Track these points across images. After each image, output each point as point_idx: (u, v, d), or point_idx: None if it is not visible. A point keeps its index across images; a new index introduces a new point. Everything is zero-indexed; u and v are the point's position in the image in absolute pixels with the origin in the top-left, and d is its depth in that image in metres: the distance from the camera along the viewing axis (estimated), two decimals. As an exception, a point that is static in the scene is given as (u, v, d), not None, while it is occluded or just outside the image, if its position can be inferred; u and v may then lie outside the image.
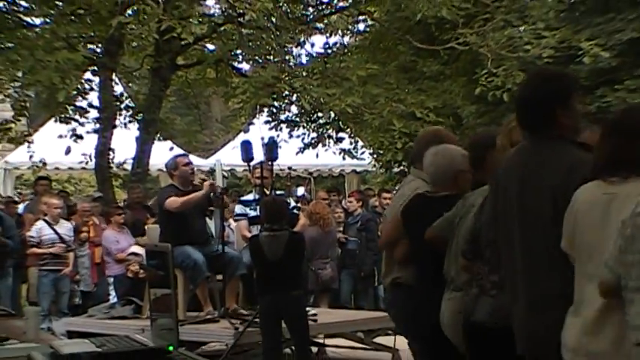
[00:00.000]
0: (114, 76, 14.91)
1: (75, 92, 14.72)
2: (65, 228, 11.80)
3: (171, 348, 3.28)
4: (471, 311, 4.21)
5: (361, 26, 16.87)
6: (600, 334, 3.36)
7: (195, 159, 14.57)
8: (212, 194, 9.24)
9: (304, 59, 15.77)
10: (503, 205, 3.88)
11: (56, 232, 11.62)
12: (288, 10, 14.89)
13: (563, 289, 3.52)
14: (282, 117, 15.47)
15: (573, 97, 3.92)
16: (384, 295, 6.85)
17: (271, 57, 14.66)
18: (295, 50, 15.81)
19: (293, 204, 10.37)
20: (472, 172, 4.85)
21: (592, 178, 3.47)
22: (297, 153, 16.19)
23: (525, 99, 3.94)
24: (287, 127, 15.57)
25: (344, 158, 16.36)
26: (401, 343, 6.90)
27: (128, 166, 14.80)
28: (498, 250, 3.98)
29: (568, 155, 3.70)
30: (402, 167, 15.35)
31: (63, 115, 15.00)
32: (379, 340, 9.28)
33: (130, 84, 18.28)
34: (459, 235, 4.51)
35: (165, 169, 17.30)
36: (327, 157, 17.20)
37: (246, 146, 9.56)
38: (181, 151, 15.91)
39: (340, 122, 15.03)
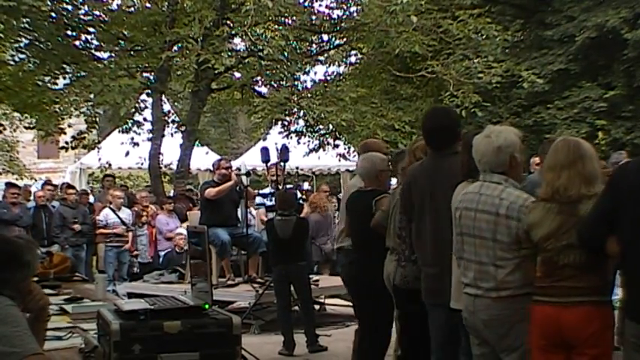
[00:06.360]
0: (163, 97, 14.90)
1: (133, 109, 14.71)
2: (126, 213, 11.81)
3: (206, 306, 3.31)
4: (393, 277, 4.70)
5: (353, 59, 16.81)
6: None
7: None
8: (237, 187, 9.25)
9: (309, 84, 15.72)
10: (418, 199, 4.26)
11: (119, 217, 11.63)
12: (297, 47, 14.88)
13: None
14: (292, 128, 15.42)
15: (461, 126, 4.44)
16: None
17: (284, 82, 14.63)
18: (302, 77, 15.79)
19: (300, 195, 10.36)
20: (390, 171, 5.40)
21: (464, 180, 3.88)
22: (304, 156, 16.13)
23: (435, 128, 4.31)
24: (296, 136, 15.51)
25: (339, 160, 16.29)
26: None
27: (174, 166, 14.79)
28: (409, 232, 4.44)
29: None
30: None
31: (124, 127, 14.98)
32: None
33: (176, 103, 18.27)
34: (394, 220, 4.86)
35: (202, 169, 17.52)
36: (327, 160, 17.14)
37: (264, 151, 9.57)
38: (216, 156, 15.96)
39: (337, 132, 14.97)
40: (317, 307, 9.28)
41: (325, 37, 15.24)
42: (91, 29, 14.52)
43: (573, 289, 3.24)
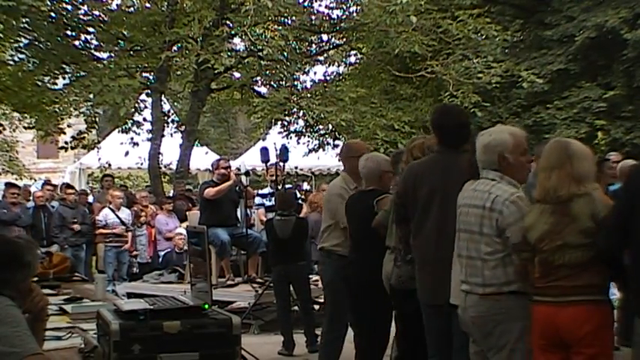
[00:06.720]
0: (163, 97, 14.90)
1: (133, 109, 14.72)
2: (125, 213, 11.80)
3: (206, 306, 3.30)
4: (390, 276, 4.70)
5: (352, 59, 16.85)
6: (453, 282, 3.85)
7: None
8: (236, 187, 9.25)
9: (309, 84, 15.73)
10: (424, 195, 4.24)
11: (118, 217, 11.62)
12: (296, 47, 14.88)
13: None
14: (292, 128, 15.43)
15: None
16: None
17: (283, 82, 14.64)
18: (302, 77, 15.80)
19: (299, 195, 10.35)
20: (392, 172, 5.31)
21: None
22: (303, 156, 16.15)
23: (450, 125, 4.29)
24: (295, 136, 15.52)
25: (339, 160, 16.30)
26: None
27: (173, 166, 14.79)
28: (405, 232, 4.45)
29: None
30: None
31: (124, 127, 14.99)
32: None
33: (175, 103, 18.27)
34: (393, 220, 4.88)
35: (201, 169, 17.52)
36: (326, 160, 17.14)
37: (264, 151, 9.57)
38: (216, 155, 15.96)
39: (336, 132, 14.98)
40: (317, 307, 9.27)
41: (325, 37, 15.26)
42: (91, 29, 14.53)
43: (569, 289, 3.26)
